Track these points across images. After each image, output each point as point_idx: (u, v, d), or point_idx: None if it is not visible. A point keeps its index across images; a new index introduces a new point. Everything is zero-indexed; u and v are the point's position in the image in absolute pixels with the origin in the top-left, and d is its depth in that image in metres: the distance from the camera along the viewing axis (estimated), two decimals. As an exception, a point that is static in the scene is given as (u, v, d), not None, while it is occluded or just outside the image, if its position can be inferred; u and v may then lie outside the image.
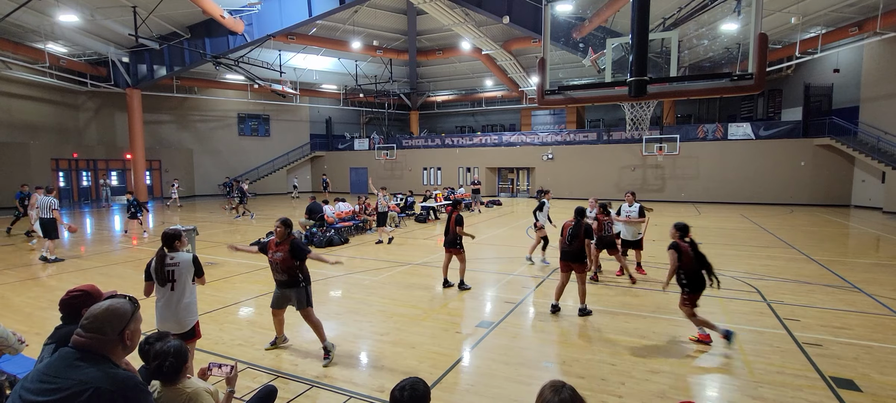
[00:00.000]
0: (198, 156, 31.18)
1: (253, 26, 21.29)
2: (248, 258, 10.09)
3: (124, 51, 23.46)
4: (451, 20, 20.28)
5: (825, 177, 21.88)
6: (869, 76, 20.29)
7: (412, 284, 7.98)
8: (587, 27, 20.04)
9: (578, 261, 6.14)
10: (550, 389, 1.72)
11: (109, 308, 1.88)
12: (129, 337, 1.89)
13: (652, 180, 25.62)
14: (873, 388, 4.17)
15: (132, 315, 1.93)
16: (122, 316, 1.87)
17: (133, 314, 1.94)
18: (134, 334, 1.93)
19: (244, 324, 6.00)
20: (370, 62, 31.17)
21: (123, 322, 1.87)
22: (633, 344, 5.22)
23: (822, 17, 18.26)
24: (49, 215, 9.91)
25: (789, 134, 22.65)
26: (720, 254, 10.50)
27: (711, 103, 29.01)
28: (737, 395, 4.11)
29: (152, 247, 11.64)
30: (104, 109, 27.61)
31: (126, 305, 1.93)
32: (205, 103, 31.07)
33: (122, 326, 1.86)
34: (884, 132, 19.23)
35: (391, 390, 2.05)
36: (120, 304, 1.92)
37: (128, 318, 1.89)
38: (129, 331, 1.89)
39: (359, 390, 4.18)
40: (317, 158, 35.85)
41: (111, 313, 1.86)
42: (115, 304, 1.90)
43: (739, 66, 4.35)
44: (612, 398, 4.01)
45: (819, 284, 7.76)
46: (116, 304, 1.91)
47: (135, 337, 1.94)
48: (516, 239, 12.74)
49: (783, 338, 5.37)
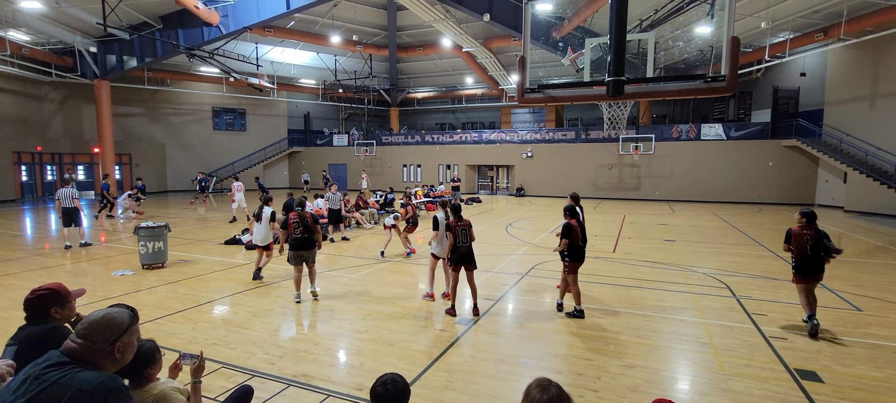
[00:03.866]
0: (170, 150, 30.27)
1: (229, 18, 20.74)
2: (222, 255, 9.89)
3: (92, 40, 22.55)
4: (432, 16, 20.21)
5: (791, 177, 22.74)
6: (833, 80, 21.16)
7: (392, 281, 7.94)
8: (566, 27, 20.28)
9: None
10: (537, 388, 1.72)
11: (106, 316, 1.81)
12: (120, 350, 1.81)
13: (628, 179, 26.14)
14: (835, 379, 4.36)
15: (127, 327, 1.85)
16: (116, 327, 1.80)
17: (129, 326, 1.86)
18: (126, 347, 1.85)
19: (218, 323, 5.87)
20: (350, 57, 30.80)
21: (116, 333, 1.80)
22: (609, 340, 5.33)
23: (790, 22, 18.94)
24: (71, 204, 10.74)
25: (758, 135, 23.44)
26: (693, 251, 10.80)
27: (685, 104, 29.76)
28: (707, 388, 4.24)
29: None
30: (70, 101, 26.49)
31: (123, 316, 1.86)
32: (177, 96, 30.16)
33: (114, 337, 1.79)
34: (846, 134, 20.09)
35: (372, 386, 2.04)
36: (117, 314, 1.85)
37: (122, 330, 1.82)
38: (121, 344, 1.81)
39: (337, 388, 4.14)
40: (295, 154, 35.27)
41: (106, 322, 1.79)
42: (113, 313, 1.84)
43: (712, 69, 4.48)
44: (589, 392, 4.09)
45: (785, 280, 8.06)
46: (114, 314, 1.84)
47: (127, 351, 1.86)
48: (496, 237, 12.83)
49: (751, 332, 5.57)
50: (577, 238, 6.09)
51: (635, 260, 9.82)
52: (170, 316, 6.07)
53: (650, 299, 6.98)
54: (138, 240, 8.64)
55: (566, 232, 5.99)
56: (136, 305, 6.81)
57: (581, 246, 6.23)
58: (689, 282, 7.93)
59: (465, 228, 6.21)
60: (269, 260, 8.29)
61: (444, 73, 33.97)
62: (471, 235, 6.26)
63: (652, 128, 26.10)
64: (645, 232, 13.91)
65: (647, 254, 10.42)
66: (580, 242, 6.20)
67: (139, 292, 7.20)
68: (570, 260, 6.07)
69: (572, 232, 6.00)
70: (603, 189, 26.58)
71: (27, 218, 16.55)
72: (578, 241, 6.15)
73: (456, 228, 6.15)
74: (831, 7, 17.36)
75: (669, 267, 9.10)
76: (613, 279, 8.15)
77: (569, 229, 6.00)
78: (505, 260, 9.76)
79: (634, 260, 9.82)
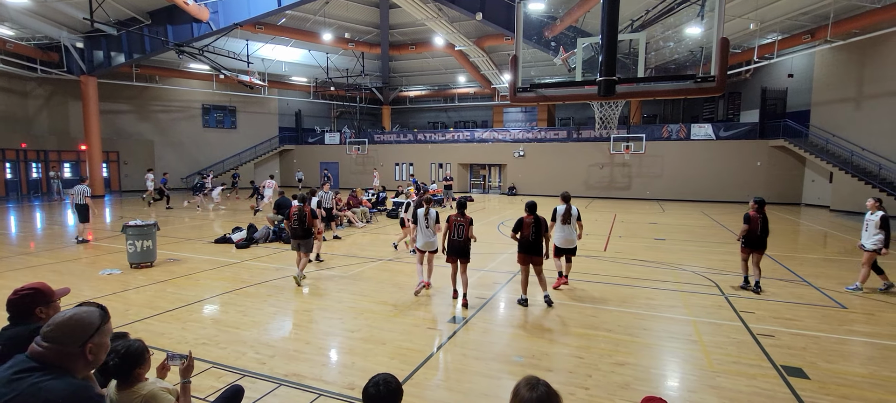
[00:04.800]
0: (159, 147, 29.92)
1: (219, 14, 20.53)
2: (212, 253, 9.80)
3: (78, 36, 22.20)
4: (425, 15, 20.19)
5: (779, 177, 23.06)
6: (819, 81, 21.48)
7: (384, 280, 7.92)
8: (559, 26, 20.36)
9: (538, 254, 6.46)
10: (526, 386, 1.73)
11: (74, 317, 1.70)
12: (93, 351, 1.70)
13: (619, 178, 26.33)
14: (820, 376, 4.44)
15: (99, 327, 1.74)
16: (86, 328, 1.70)
17: (100, 326, 1.75)
18: (98, 348, 1.73)
19: (208, 322, 5.82)
20: (341, 55, 30.66)
21: (87, 334, 1.69)
22: (600, 338, 5.37)
23: (778, 24, 19.19)
24: (82, 201, 11.27)
25: (747, 135, 23.73)
26: (682, 250, 10.91)
27: (676, 104, 30.04)
28: (696, 385, 4.29)
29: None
30: (56, 97, 26.06)
31: (93, 316, 1.75)
32: (167, 93, 29.80)
33: (85, 338, 1.68)
34: (832, 135, 20.42)
35: (364, 386, 2.03)
36: (87, 314, 1.74)
37: (93, 330, 1.71)
38: (93, 344, 1.70)
39: (328, 387, 4.12)
40: (286, 152, 35.04)
41: (75, 323, 1.69)
42: (81, 314, 1.73)
43: (702, 69, 4.52)
44: (580, 390, 4.12)
45: (772, 278, 8.18)
46: (83, 314, 1.73)
47: (100, 352, 1.74)
48: (488, 235, 12.85)
49: (739, 330, 5.64)
50: (527, 233, 6.37)
51: (626, 258, 9.90)
52: (159, 315, 6.00)
53: (640, 297, 7.04)
54: (126, 239, 8.52)
55: (516, 227, 6.48)
56: (123, 304, 6.71)
57: (530, 240, 6.37)
58: (679, 280, 8.02)
59: (461, 224, 6.52)
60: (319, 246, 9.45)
61: (436, 72, 33.94)
62: (468, 232, 6.53)
63: (643, 127, 26.32)
64: (635, 230, 14.03)
65: (637, 253, 10.51)
66: (530, 237, 6.37)
67: (127, 291, 7.10)
68: (518, 251, 6.51)
69: (522, 227, 6.40)
70: (594, 188, 26.75)
71: (12, 217, 16.26)
72: (529, 236, 6.35)
73: (453, 222, 6.54)
74: (818, 9, 17.62)
75: (659, 266, 9.18)
76: (604, 277, 8.21)
77: (519, 224, 6.43)
78: (497, 258, 9.79)
79: (625, 258, 9.90)
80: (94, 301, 1.97)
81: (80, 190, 11.42)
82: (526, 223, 6.38)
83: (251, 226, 11.63)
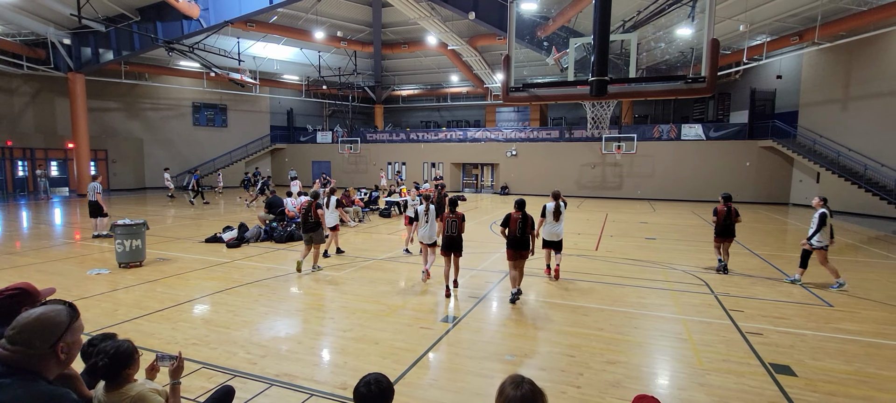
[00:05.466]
0: (148, 146, 29.56)
1: (209, 11, 20.34)
2: (203, 253, 9.71)
3: (66, 32, 21.87)
4: (417, 14, 20.15)
5: (767, 177, 23.36)
6: (807, 83, 21.79)
7: (376, 279, 7.91)
8: (551, 26, 20.42)
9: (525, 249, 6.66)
10: (511, 385, 1.74)
11: (41, 317, 1.64)
12: (64, 350, 1.65)
13: (611, 178, 26.50)
14: (807, 373, 4.50)
15: (68, 325, 1.69)
16: (54, 327, 1.64)
17: (70, 324, 1.70)
18: (71, 346, 1.69)
19: (198, 323, 5.76)
20: (334, 53, 30.51)
21: (57, 333, 1.64)
22: (591, 337, 5.40)
23: (767, 25, 19.42)
24: (93, 198, 11.73)
25: (736, 135, 24.00)
26: (673, 249, 11.01)
27: (666, 104, 30.28)
28: (686, 382, 4.33)
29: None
30: (43, 94, 25.64)
31: (61, 315, 1.69)
32: (156, 91, 29.45)
33: (54, 338, 1.62)
34: (819, 135, 20.72)
35: (355, 386, 2.03)
36: (54, 313, 1.68)
37: (62, 329, 1.66)
38: (64, 344, 1.65)
39: (320, 387, 4.11)
40: (277, 150, 34.81)
41: (42, 323, 1.62)
42: (48, 313, 1.67)
43: (693, 70, 4.57)
44: (572, 388, 4.14)
45: (760, 277, 8.29)
46: (49, 313, 1.67)
47: (72, 350, 1.70)
48: (480, 235, 12.86)
49: (728, 328, 5.71)
50: (514, 228, 6.56)
51: (617, 257, 9.97)
52: (148, 315, 5.94)
53: (631, 296, 7.09)
54: (115, 238, 8.42)
55: (504, 221, 6.70)
56: (112, 305, 6.63)
57: (517, 236, 6.56)
58: (669, 279, 8.09)
59: (454, 220, 6.99)
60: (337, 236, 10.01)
61: (429, 71, 33.90)
62: (460, 227, 6.99)
63: (634, 127, 26.50)
64: (627, 230, 14.13)
65: (628, 252, 10.59)
66: (517, 233, 6.55)
67: (116, 291, 7.02)
68: (507, 247, 6.65)
69: (509, 222, 6.60)
70: (586, 187, 26.89)
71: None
72: (516, 232, 6.54)
73: (447, 218, 7.00)
74: (806, 11, 17.87)
75: (650, 265, 9.26)
76: (596, 276, 8.26)
77: (507, 219, 6.64)
78: (489, 258, 9.80)
79: (616, 257, 9.97)
80: (64, 299, 1.90)
81: (91, 187, 11.99)
82: (513, 219, 6.58)
83: (242, 226, 11.54)
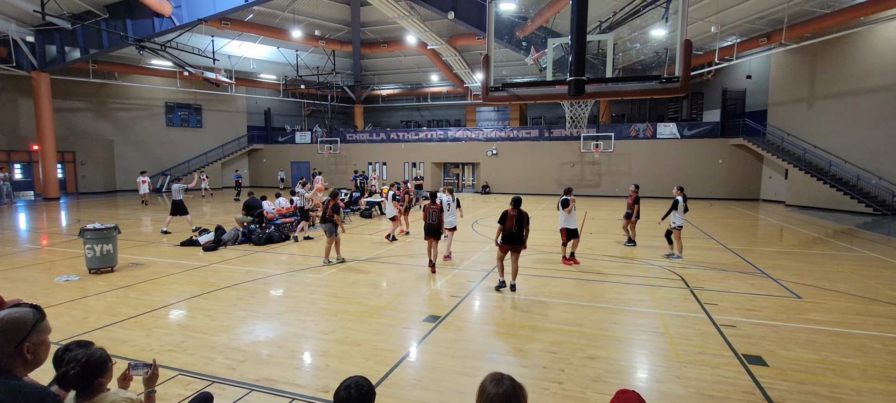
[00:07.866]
0: (119, 146, 28.60)
1: (182, 8, 19.78)
2: (178, 257, 9.46)
3: (28, 29, 20.97)
4: (396, 13, 20.06)
5: (739, 174, 24.10)
6: (775, 82, 22.56)
7: (357, 281, 7.85)
8: (529, 26, 20.62)
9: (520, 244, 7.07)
10: (491, 382, 1.75)
11: (5, 318, 1.68)
12: (31, 351, 1.70)
13: (589, 176, 26.92)
14: (778, 363, 4.67)
15: (33, 326, 1.73)
16: (19, 328, 1.68)
17: (35, 325, 1.74)
18: (37, 347, 1.74)
19: (174, 328, 5.62)
20: (312, 53, 30.12)
21: (21, 334, 1.68)
22: (572, 333, 5.48)
23: (737, 27, 20.02)
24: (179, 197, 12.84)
25: (709, 134, 24.68)
26: (649, 246, 11.25)
27: (642, 104, 30.92)
28: (664, 375, 4.44)
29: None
30: (5, 94, 24.52)
31: (26, 316, 1.73)
32: (127, 90, 28.53)
33: (19, 340, 1.67)
34: (787, 134, 21.48)
35: (336, 390, 2.01)
36: (18, 315, 1.72)
37: (27, 330, 1.70)
38: (30, 344, 1.70)
39: (302, 391, 4.05)
40: (255, 151, 34.18)
41: (7, 324, 1.67)
42: (13, 315, 1.71)
43: (667, 70, 4.68)
44: (553, 384, 4.19)
45: (733, 271, 8.55)
46: (14, 315, 1.71)
47: (38, 351, 1.75)
48: (462, 234, 12.89)
49: (703, 321, 5.87)
50: (510, 224, 6.87)
51: (596, 254, 10.14)
52: (121, 322, 5.76)
53: (610, 292, 7.22)
54: (84, 243, 8.12)
55: (501, 218, 7.00)
56: (82, 312, 6.43)
57: (513, 231, 6.90)
58: (647, 275, 8.27)
59: (434, 211, 8.30)
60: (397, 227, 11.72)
61: (409, 71, 33.79)
62: (439, 217, 8.31)
63: (611, 126, 26.98)
64: (605, 227, 14.37)
65: (607, 249, 10.78)
66: (513, 229, 6.88)
67: (86, 298, 6.78)
68: (502, 242, 7.02)
69: (506, 219, 6.89)
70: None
71: None
72: (512, 228, 6.86)
73: (428, 209, 8.36)
74: (773, 14, 18.49)
75: (628, 261, 9.44)
76: (576, 273, 8.38)
77: (504, 216, 6.94)
78: (471, 257, 9.84)
79: (595, 254, 10.13)
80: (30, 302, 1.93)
81: (176, 187, 12.98)
82: (509, 215, 6.84)
83: (219, 228, 11.29)
